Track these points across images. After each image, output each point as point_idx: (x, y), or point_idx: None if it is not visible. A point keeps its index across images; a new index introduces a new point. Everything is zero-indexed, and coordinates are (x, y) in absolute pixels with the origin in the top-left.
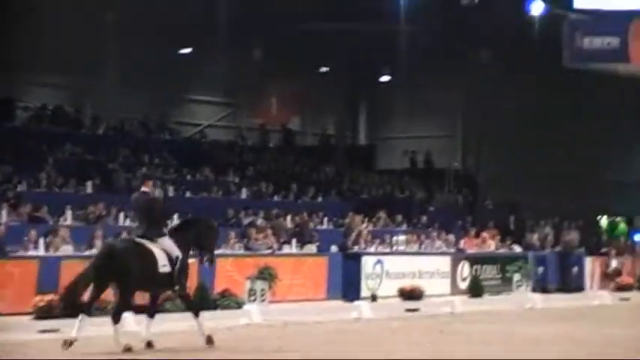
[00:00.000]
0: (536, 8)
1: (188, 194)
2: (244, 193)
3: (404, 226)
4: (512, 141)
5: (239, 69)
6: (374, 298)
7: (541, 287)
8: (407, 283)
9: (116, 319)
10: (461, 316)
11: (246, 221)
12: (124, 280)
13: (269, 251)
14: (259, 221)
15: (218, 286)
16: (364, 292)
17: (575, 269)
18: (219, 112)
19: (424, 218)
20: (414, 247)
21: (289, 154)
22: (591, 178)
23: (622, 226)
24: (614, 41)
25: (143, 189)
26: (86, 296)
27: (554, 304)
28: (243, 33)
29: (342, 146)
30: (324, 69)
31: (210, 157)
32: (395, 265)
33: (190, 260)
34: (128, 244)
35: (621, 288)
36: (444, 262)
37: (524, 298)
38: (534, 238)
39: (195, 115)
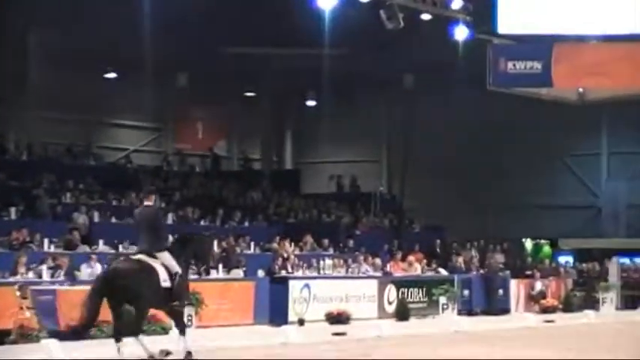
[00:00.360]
0: (461, 33)
1: (113, 220)
2: (170, 219)
3: (331, 250)
4: (437, 165)
5: (164, 93)
6: (301, 322)
7: (467, 310)
8: (334, 307)
9: (136, 333)
10: (388, 339)
11: None
12: (135, 299)
13: (195, 277)
14: None
15: None
16: (291, 316)
17: (501, 292)
18: (145, 137)
19: (351, 242)
20: (341, 271)
21: (215, 179)
22: (516, 201)
23: (546, 248)
24: (537, 65)
25: (146, 203)
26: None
27: (480, 327)
28: (169, 57)
29: (268, 171)
30: (249, 93)
31: (136, 182)
32: (322, 289)
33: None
34: (132, 264)
35: (546, 310)
36: (370, 286)
37: (450, 321)
38: (460, 261)
39: (121, 140)
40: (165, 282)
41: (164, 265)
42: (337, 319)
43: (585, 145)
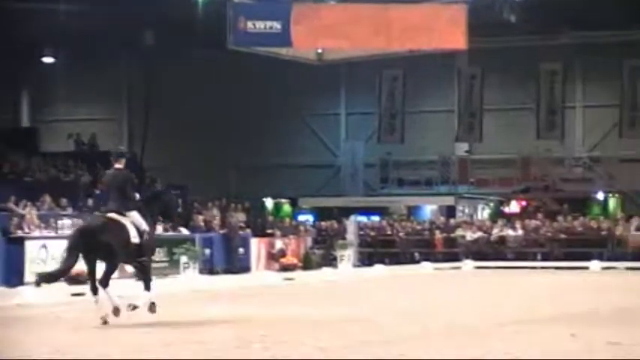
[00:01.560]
0: None
1: None
2: None
3: (69, 210)
4: (179, 124)
5: None
6: (38, 283)
7: (208, 269)
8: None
9: (104, 284)
10: (129, 299)
11: None
12: (109, 254)
13: None
14: None
15: None
16: (28, 277)
17: (241, 250)
18: None
19: (90, 201)
20: None
21: None
22: (257, 161)
23: (286, 207)
24: (276, 25)
25: (117, 166)
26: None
27: (221, 285)
28: None
29: (2, 128)
30: None
31: None
32: (60, 250)
33: None
34: (104, 221)
35: (286, 268)
36: None
37: (191, 280)
38: (201, 220)
39: None
40: (134, 238)
41: (133, 223)
42: (76, 279)
43: (324, 105)
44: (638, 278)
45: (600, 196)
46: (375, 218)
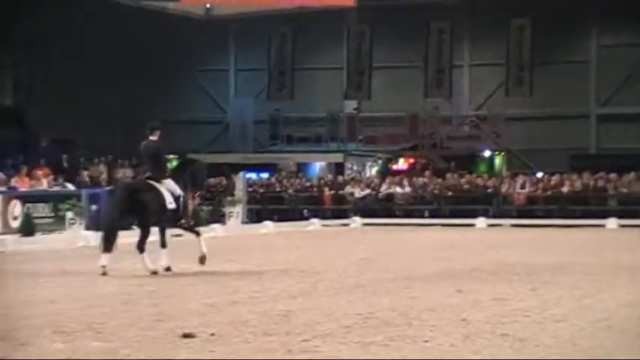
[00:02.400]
0: None
1: None
2: None
3: None
4: (67, 79)
5: None
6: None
7: (94, 225)
8: None
9: (141, 249)
10: (13, 255)
11: None
12: (144, 213)
13: None
14: None
15: None
16: None
17: None
18: None
19: None
20: None
21: None
22: (144, 117)
23: (175, 163)
24: None
25: (151, 138)
26: None
27: None
28: None
29: None
30: None
31: None
32: None
33: None
34: (143, 183)
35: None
36: None
37: (77, 236)
38: (86, 175)
39: None
40: (170, 204)
41: (168, 189)
42: None
43: (213, 62)
44: (523, 235)
45: (487, 153)
46: (265, 175)
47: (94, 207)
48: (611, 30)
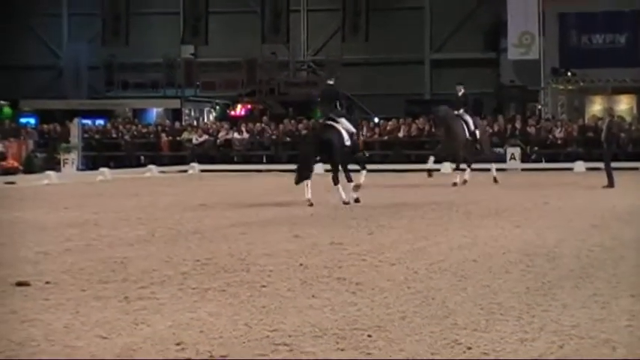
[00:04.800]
0: None
1: None
2: None
3: None
4: None
5: None
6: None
7: None
8: None
9: (335, 182)
10: None
11: None
12: (331, 154)
13: None
14: None
15: None
16: None
17: None
18: None
19: None
20: None
21: None
22: None
23: (7, 109)
24: None
25: (329, 82)
26: None
27: None
28: None
29: None
30: None
31: None
32: None
33: None
34: (325, 127)
35: (7, 171)
36: None
37: None
38: None
39: None
40: (347, 141)
41: (344, 128)
42: None
43: (45, 5)
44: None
45: None
46: (100, 122)
47: None
48: None
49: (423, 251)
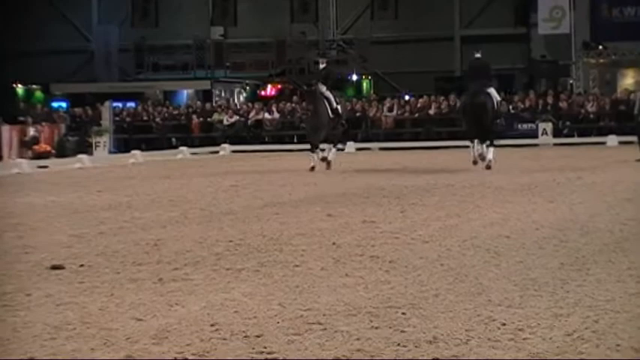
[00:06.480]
0: None
1: None
2: None
3: None
4: None
5: None
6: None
7: None
8: None
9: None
10: None
11: None
12: (487, 121)
13: None
14: None
15: None
16: None
17: None
18: None
19: None
20: None
21: None
22: (3, 47)
23: (38, 93)
24: None
25: (477, 55)
26: None
27: None
28: None
29: None
30: None
31: None
32: None
33: None
34: (482, 97)
35: (39, 156)
36: None
37: None
38: None
39: None
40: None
41: (493, 96)
42: None
43: None
44: (389, 157)
45: (354, 77)
46: (131, 104)
47: None
48: None
49: (455, 228)
